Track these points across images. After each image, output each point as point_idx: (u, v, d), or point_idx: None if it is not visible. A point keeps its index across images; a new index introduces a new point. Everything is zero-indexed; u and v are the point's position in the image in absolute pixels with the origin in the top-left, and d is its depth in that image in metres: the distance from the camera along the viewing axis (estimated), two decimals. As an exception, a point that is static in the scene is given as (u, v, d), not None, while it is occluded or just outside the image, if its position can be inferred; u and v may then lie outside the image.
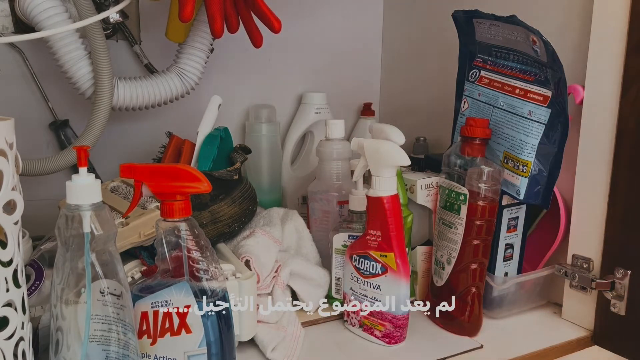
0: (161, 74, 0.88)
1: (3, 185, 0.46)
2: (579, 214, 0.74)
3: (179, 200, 0.53)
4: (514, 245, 0.79)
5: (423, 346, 0.69)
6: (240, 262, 0.70)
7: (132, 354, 0.51)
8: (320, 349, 0.68)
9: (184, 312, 0.53)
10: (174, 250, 0.53)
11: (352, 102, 1.15)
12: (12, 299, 0.47)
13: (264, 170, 1.01)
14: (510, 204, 0.77)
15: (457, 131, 0.83)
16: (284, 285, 0.73)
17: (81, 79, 0.80)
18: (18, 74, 0.86)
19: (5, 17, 0.82)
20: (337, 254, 0.77)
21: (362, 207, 0.77)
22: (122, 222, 0.66)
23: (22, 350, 0.48)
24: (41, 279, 0.65)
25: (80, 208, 0.48)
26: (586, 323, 0.74)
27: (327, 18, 1.11)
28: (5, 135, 0.46)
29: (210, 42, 0.88)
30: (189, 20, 0.74)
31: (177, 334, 0.53)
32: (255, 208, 0.84)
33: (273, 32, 0.79)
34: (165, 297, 0.53)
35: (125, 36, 0.92)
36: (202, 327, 0.53)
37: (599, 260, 0.71)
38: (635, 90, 0.66)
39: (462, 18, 0.80)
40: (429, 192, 0.80)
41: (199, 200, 0.74)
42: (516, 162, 0.73)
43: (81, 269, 0.49)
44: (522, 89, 0.73)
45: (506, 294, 0.76)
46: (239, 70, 1.04)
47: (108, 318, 0.50)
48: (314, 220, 0.86)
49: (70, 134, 0.90)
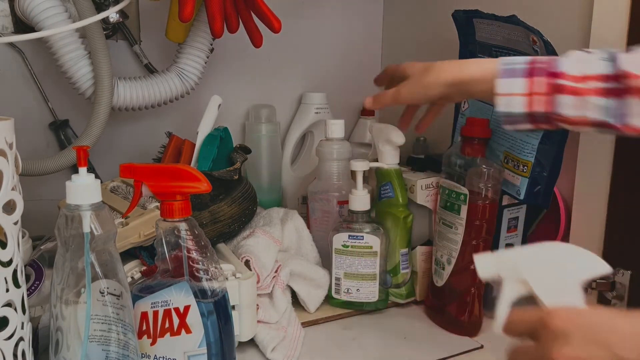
0: (161, 74, 0.88)
1: (3, 185, 0.46)
2: (579, 214, 0.74)
3: (179, 200, 0.53)
4: (514, 245, 0.79)
5: (423, 346, 0.69)
6: (240, 262, 0.70)
7: (132, 354, 0.51)
8: (320, 349, 0.68)
9: (184, 312, 0.53)
10: (173, 250, 0.53)
11: (352, 102, 1.15)
12: (12, 299, 0.47)
13: (264, 170, 1.01)
14: (510, 204, 0.77)
15: (457, 131, 0.83)
16: (284, 286, 0.73)
17: (81, 79, 0.80)
18: (18, 74, 0.86)
19: (5, 17, 0.82)
20: (337, 254, 0.77)
21: (362, 207, 0.77)
22: (122, 222, 0.66)
23: (22, 350, 0.48)
24: (41, 279, 0.65)
25: (80, 208, 0.48)
26: (586, 323, 0.74)
27: (327, 18, 1.11)
28: (5, 135, 0.46)
29: (210, 42, 0.88)
30: (189, 20, 0.74)
31: (177, 334, 0.53)
32: (255, 208, 0.84)
33: (273, 32, 0.79)
34: (165, 297, 0.53)
35: (125, 36, 0.92)
36: (202, 327, 0.53)
37: (599, 260, 0.71)
38: (635, 90, 0.66)
39: (462, 18, 0.80)
40: (429, 192, 0.80)
41: (199, 200, 0.74)
42: (516, 162, 0.73)
43: (81, 269, 0.49)
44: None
45: (506, 294, 0.75)
46: (239, 70, 1.04)
47: (108, 318, 0.50)
48: (314, 220, 0.86)
49: (70, 134, 0.90)
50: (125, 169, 0.54)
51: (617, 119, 0.55)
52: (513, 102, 0.59)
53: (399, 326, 0.74)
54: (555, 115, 0.57)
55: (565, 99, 0.56)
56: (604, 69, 0.55)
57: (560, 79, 0.56)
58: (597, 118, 0.55)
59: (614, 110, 0.54)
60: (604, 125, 0.56)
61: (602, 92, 0.55)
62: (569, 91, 0.56)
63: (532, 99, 0.58)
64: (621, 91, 0.54)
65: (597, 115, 0.55)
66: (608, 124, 0.55)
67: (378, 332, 0.73)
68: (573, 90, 0.56)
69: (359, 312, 0.77)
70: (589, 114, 0.56)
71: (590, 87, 0.55)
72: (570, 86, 0.56)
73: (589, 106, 0.55)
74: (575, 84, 0.56)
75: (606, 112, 0.55)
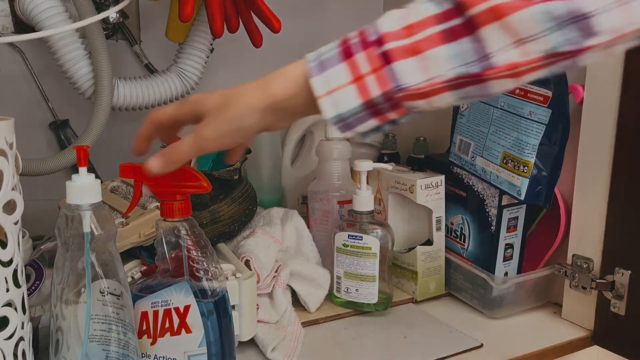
0: (161, 74, 0.88)
1: (3, 185, 0.46)
2: (579, 213, 0.74)
3: (179, 201, 0.53)
4: (514, 245, 0.79)
5: (423, 346, 0.69)
6: (240, 262, 0.70)
7: (132, 354, 0.51)
8: (320, 349, 0.68)
9: (184, 312, 0.53)
10: (174, 250, 0.53)
11: (352, 102, 1.15)
12: (12, 299, 0.47)
13: (264, 170, 1.01)
14: (510, 204, 0.77)
15: (456, 131, 0.83)
16: (284, 285, 0.73)
17: (81, 79, 0.80)
18: (18, 74, 0.86)
19: (5, 17, 0.82)
20: (338, 253, 0.77)
21: (365, 207, 0.77)
22: (122, 222, 0.66)
23: (22, 350, 0.48)
24: (41, 279, 0.65)
25: (80, 208, 0.48)
26: (586, 323, 0.74)
27: (327, 18, 1.11)
28: (5, 135, 0.46)
29: (210, 42, 0.88)
30: (189, 20, 0.74)
31: (177, 334, 0.53)
32: (255, 208, 0.84)
33: (273, 32, 0.79)
34: (165, 297, 0.53)
35: (125, 36, 0.92)
36: (202, 327, 0.53)
37: (599, 260, 0.71)
38: (635, 90, 0.66)
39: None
40: (429, 192, 0.80)
41: (199, 200, 0.74)
42: (517, 162, 0.73)
43: (81, 269, 0.49)
44: (522, 89, 0.72)
45: (506, 294, 0.76)
46: (239, 70, 1.04)
47: (108, 318, 0.50)
48: (314, 220, 0.86)
49: (70, 133, 0.90)
50: (125, 169, 0.54)
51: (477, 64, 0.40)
52: (341, 97, 0.44)
53: (399, 326, 0.74)
54: (400, 93, 0.42)
55: (402, 66, 0.42)
56: (432, 9, 0.41)
57: (385, 43, 0.42)
58: (453, 74, 0.41)
59: (469, 53, 0.40)
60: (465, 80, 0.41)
61: (443, 37, 0.41)
62: (403, 53, 0.42)
63: (363, 83, 0.43)
64: (466, 26, 0.40)
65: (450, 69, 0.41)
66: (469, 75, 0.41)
67: (378, 332, 0.73)
68: (406, 50, 0.41)
69: (359, 312, 0.77)
70: (441, 72, 0.41)
71: (426, 37, 0.41)
72: (401, 46, 0.42)
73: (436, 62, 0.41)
74: (405, 41, 0.42)
75: (461, 60, 0.40)
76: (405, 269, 0.83)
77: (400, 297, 0.82)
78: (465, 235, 0.82)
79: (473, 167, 0.79)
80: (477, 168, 0.78)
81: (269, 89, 0.48)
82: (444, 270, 0.83)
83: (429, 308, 0.80)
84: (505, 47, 0.39)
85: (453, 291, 0.83)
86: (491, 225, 0.77)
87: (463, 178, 0.81)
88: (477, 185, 0.79)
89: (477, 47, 0.40)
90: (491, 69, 0.40)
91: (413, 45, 0.41)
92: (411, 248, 0.82)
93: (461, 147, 0.81)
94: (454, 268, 0.82)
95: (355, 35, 0.44)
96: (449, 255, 0.83)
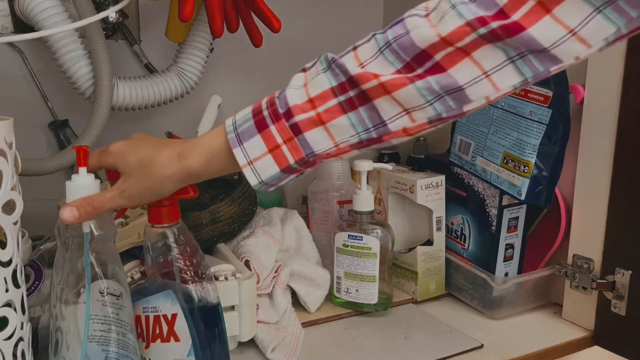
0: (161, 74, 0.87)
1: (2, 185, 0.46)
2: (579, 214, 0.74)
3: (166, 206, 0.53)
4: (514, 245, 0.79)
5: (423, 346, 0.69)
6: (240, 262, 0.70)
7: (132, 354, 0.51)
8: (320, 350, 0.68)
9: (172, 320, 0.52)
10: (162, 256, 0.53)
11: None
12: (11, 299, 0.47)
13: (264, 170, 1.00)
14: (511, 204, 0.76)
15: (456, 131, 0.83)
16: (284, 285, 0.73)
17: (81, 79, 0.80)
18: (18, 74, 0.86)
19: (5, 17, 0.82)
20: (338, 253, 0.77)
21: (366, 207, 0.77)
22: (121, 222, 0.66)
23: (22, 351, 0.48)
24: (41, 279, 0.65)
25: (79, 208, 0.48)
26: (586, 323, 0.74)
27: (327, 17, 1.11)
28: (4, 135, 0.46)
29: (210, 42, 0.88)
30: (189, 20, 0.74)
31: (167, 341, 0.53)
32: (255, 208, 0.84)
33: (273, 31, 0.79)
34: (154, 303, 0.53)
35: (125, 36, 0.92)
36: (189, 337, 0.52)
37: (600, 261, 0.71)
38: (635, 90, 0.66)
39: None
40: (429, 192, 0.80)
41: (199, 200, 0.73)
42: (517, 162, 0.73)
43: (81, 269, 0.49)
44: (523, 88, 0.72)
45: (506, 294, 0.76)
46: (239, 70, 1.04)
47: (107, 318, 0.50)
48: (314, 220, 0.86)
49: (70, 133, 0.90)
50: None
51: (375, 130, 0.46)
52: (262, 167, 0.48)
53: (399, 326, 0.74)
54: (312, 157, 0.47)
55: (311, 135, 0.46)
56: (327, 82, 0.46)
57: (293, 116, 0.46)
58: (357, 139, 0.46)
59: (367, 120, 0.45)
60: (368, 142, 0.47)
61: (343, 108, 0.46)
62: (310, 124, 0.46)
63: (279, 152, 0.47)
64: (361, 97, 0.45)
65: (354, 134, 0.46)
66: (371, 139, 0.46)
67: (378, 332, 0.73)
68: (313, 121, 0.46)
69: (359, 313, 0.77)
70: (345, 137, 0.46)
71: (327, 108, 0.46)
72: (307, 118, 0.46)
73: (340, 130, 0.46)
74: (310, 113, 0.46)
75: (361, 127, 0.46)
76: (406, 269, 0.83)
77: (401, 297, 0.82)
78: (465, 235, 0.82)
79: (473, 167, 0.79)
80: (477, 168, 0.78)
81: (186, 162, 0.50)
82: (444, 270, 0.83)
83: (429, 308, 0.80)
84: (397, 115, 0.45)
85: (453, 291, 0.83)
86: (491, 225, 0.77)
87: (463, 178, 0.81)
88: (477, 185, 0.79)
89: (373, 115, 0.45)
90: (388, 134, 0.46)
91: (318, 116, 0.46)
92: (411, 248, 0.82)
93: (461, 147, 0.81)
94: (454, 268, 0.82)
95: (267, 107, 0.48)
96: (449, 255, 0.83)
